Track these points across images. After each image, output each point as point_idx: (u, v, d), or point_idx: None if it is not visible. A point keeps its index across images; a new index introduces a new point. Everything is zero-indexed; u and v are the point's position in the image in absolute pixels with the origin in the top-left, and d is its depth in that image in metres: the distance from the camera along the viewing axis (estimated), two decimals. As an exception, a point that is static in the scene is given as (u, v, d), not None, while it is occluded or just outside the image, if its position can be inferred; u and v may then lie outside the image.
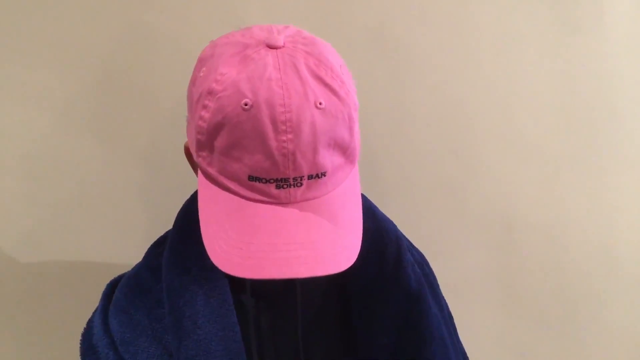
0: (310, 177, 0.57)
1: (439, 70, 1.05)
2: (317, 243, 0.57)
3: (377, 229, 0.74)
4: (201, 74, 0.59)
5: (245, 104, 0.54)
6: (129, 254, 0.85)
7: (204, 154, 0.59)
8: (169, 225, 0.74)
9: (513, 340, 1.16)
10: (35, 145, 0.94)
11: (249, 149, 0.55)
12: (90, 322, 0.70)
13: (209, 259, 0.63)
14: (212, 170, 0.59)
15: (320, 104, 0.55)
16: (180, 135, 0.74)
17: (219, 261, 0.56)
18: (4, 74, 0.91)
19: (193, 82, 0.61)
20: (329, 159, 0.58)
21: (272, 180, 0.56)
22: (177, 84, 0.94)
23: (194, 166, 0.66)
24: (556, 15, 1.06)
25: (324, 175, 0.58)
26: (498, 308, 1.15)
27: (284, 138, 0.54)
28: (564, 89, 1.09)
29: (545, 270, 1.15)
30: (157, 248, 0.74)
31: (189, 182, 0.76)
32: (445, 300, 0.81)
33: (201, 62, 0.61)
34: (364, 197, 0.72)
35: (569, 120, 1.11)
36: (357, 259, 0.59)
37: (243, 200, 0.58)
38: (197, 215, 0.60)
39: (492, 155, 1.09)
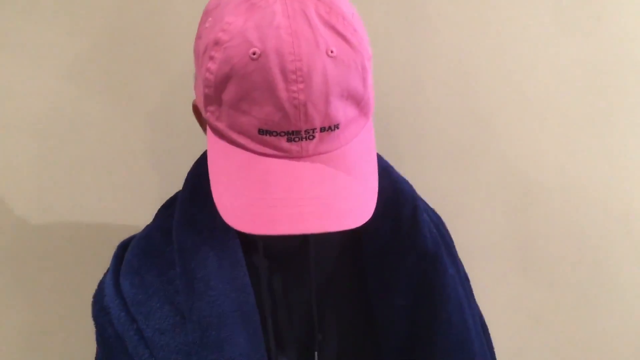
0: (322, 129, 0.55)
1: (456, 27, 1.02)
2: (331, 198, 0.55)
3: (393, 189, 0.72)
4: (207, 25, 0.57)
5: (254, 54, 0.52)
6: (139, 214, 0.85)
7: (212, 108, 0.57)
8: (178, 186, 0.73)
9: (528, 305, 1.15)
10: (44, 105, 0.93)
11: (258, 100, 0.53)
12: (101, 284, 0.70)
13: (220, 219, 0.61)
14: (221, 125, 0.57)
15: (331, 52, 0.53)
16: (188, 95, 0.73)
17: (229, 218, 0.55)
18: (13, 35, 0.90)
19: (199, 35, 0.59)
20: (342, 110, 0.55)
21: (283, 133, 0.54)
22: (186, 43, 0.91)
23: (203, 124, 0.65)
24: None
25: (337, 128, 0.56)
26: (513, 272, 1.13)
27: (295, 88, 0.52)
28: (587, 50, 1.05)
29: (561, 235, 1.13)
30: (167, 209, 0.73)
31: (199, 142, 0.75)
32: (461, 262, 0.79)
33: (207, 13, 0.59)
34: (379, 156, 0.70)
35: (590, 83, 1.07)
36: (372, 217, 0.57)
37: (254, 155, 0.56)
38: (208, 176, 0.59)
39: (510, 116, 1.06)
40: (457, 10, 1.01)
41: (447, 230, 0.79)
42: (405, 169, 0.77)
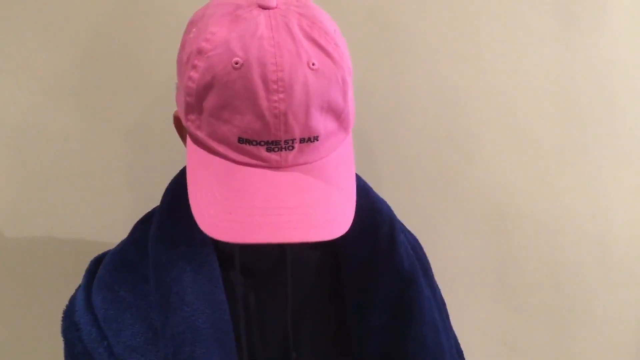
0: (302, 140, 0.55)
1: (437, 57, 1.04)
2: (309, 208, 0.55)
3: (371, 208, 0.72)
4: (191, 35, 0.57)
5: (236, 63, 0.53)
6: (114, 231, 0.83)
7: (193, 117, 0.57)
8: (154, 202, 0.73)
9: (504, 332, 1.15)
10: (20, 118, 0.92)
11: (239, 109, 0.54)
12: (72, 299, 0.68)
13: (198, 234, 0.61)
14: (201, 134, 0.57)
15: (313, 64, 0.54)
16: (168, 111, 0.73)
17: (207, 227, 0.54)
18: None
19: (182, 46, 0.59)
20: (322, 122, 0.56)
21: (262, 143, 0.55)
22: (165, 58, 0.93)
23: (183, 134, 0.65)
24: (556, 10, 1.05)
25: (317, 140, 0.56)
26: (490, 299, 1.14)
27: (276, 98, 0.53)
28: (562, 81, 1.09)
29: (539, 263, 1.14)
30: (144, 224, 0.72)
31: (176, 159, 0.75)
32: (437, 285, 0.79)
33: (192, 24, 0.60)
34: (358, 176, 0.71)
35: (567, 112, 1.10)
36: (350, 236, 0.57)
37: (233, 164, 0.56)
38: (186, 190, 0.58)
39: (489, 144, 1.09)
40: (437, 36, 1.04)
41: (424, 253, 0.79)
42: (383, 191, 0.78)
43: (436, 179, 1.08)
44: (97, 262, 0.71)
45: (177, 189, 0.69)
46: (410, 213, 0.83)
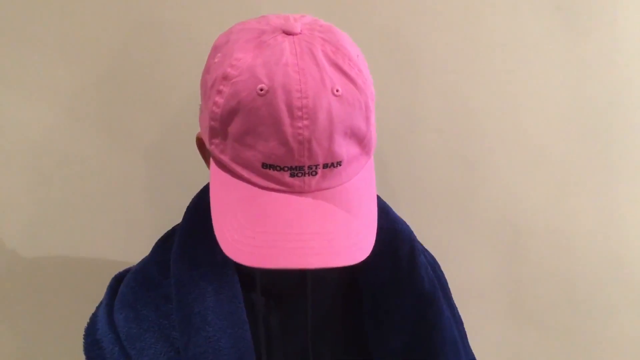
0: (325, 165, 0.56)
1: (449, 74, 1.04)
2: (331, 234, 0.55)
3: (391, 229, 0.72)
4: (216, 60, 0.58)
5: (261, 89, 0.53)
6: (134, 250, 0.84)
7: (217, 141, 0.58)
8: (174, 222, 0.73)
9: (518, 348, 1.14)
10: (41, 140, 0.93)
11: (263, 135, 0.54)
12: (94, 317, 0.69)
13: (219, 254, 0.61)
14: (225, 158, 0.58)
15: (337, 91, 0.54)
16: (187, 132, 0.73)
17: (230, 251, 0.55)
18: (11, 69, 0.91)
19: (207, 70, 0.60)
20: (344, 148, 0.56)
21: (286, 168, 0.55)
22: (184, 80, 0.94)
23: (206, 156, 0.65)
24: (566, 18, 1.05)
25: (339, 165, 0.57)
26: (504, 315, 1.13)
27: (300, 124, 0.53)
28: (574, 94, 1.08)
29: (552, 278, 1.13)
30: (165, 243, 0.72)
31: (195, 178, 0.76)
32: (455, 305, 0.79)
33: (216, 49, 0.60)
34: (377, 197, 0.71)
35: (579, 125, 1.09)
36: (370, 257, 0.57)
37: (256, 189, 0.56)
38: (208, 210, 0.59)
39: (501, 160, 1.08)
40: (450, 57, 1.03)
41: (442, 272, 0.79)
42: (398, 211, 0.78)
43: (451, 197, 1.08)
44: (118, 280, 0.71)
45: (198, 209, 0.70)
46: (425, 231, 0.83)
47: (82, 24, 0.92)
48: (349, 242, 0.56)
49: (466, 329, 0.79)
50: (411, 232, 0.74)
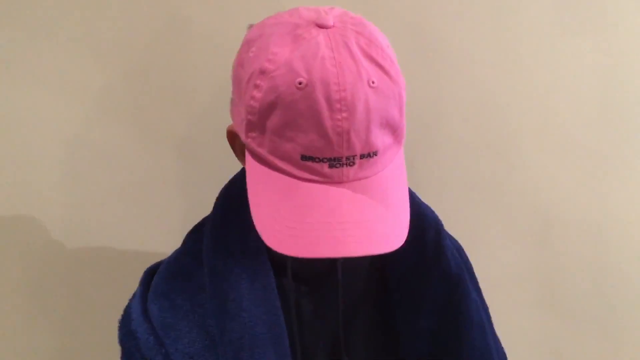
0: (362, 156, 0.57)
1: (477, 65, 1.04)
2: (370, 222, 0.57)
3: (417, 213, 0.74)
4: (250, 54, 0.58)
5: (300, 83, 0.54)
6: (165, 242, 0.85)
7: (254, 134, 0.59)
8: (204, 213, 0.74)
9: (549, 340, 1.14)
10: (74, 135, 0.94)
11: (302, 128, 0.55)
12: (128, 308, 0.70)
13: (251, 242, 0.63)
14: (262, 151, 0.58)
15: (373, 82, 0.55)
16: (216, 124, 0.74)
17: (272, 242, 0.56)
18: (45, 65, 0.92)
19: (241, 64, 0.60)
20: (380, 138, 0.58)
21: (325, 160, 0.56)
22: (212, 74, 0.95)
23: (237, 149, 0.66)
24: (598, 4, 1.05)
25: (375, 155, 0.58)
26: (535, 306, 1.13)
27: (339, 117, 0.54)
28: (607, 81, 1.08)
29: (583, 269, 1.13)
30: (196, 234, 0.73)
31: (225, 170, 0.76)
32: (481, 291, 0.81)
33: (249, 42, 0.60)
34: None
35: (612, 115, 1.09)
36: None
37: (295, 180, 0.58)
38: (238, 199, 0.60)
39: (531, 150, 1.08)
40: (478, 46, 1.04)
41: (467, 257, 0.81)
42: (425, 200, 0.79)
43: (479, 187, 1.08)
44: (151, 272, 0.72)
45: (228, 198, 0.71)
46: (453, 221, 0.84)
47: (112, 21, 0.93)
48: (387, 230, 0.57)
49: (495, 318, 0.80)
50: (436, 216, 0.76)
